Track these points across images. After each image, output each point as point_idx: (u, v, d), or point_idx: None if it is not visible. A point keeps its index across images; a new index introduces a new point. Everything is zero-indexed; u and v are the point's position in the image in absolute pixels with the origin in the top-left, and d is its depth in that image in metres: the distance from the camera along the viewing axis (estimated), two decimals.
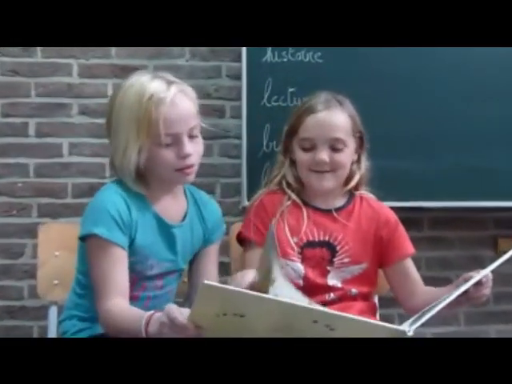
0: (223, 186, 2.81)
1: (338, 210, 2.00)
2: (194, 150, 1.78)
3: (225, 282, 1.54)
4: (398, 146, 2.67)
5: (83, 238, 1.79)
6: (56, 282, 2.11)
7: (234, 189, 2.77)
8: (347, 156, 1.96)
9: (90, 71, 2.75)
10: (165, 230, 1.84)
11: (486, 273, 1.72)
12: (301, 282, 1.92)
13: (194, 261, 1.94)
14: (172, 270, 1.88)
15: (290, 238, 1.91)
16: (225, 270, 2.12)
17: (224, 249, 2.09)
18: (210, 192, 2.67)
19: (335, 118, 1.93)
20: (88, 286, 1.81)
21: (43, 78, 2.73)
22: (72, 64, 2.73)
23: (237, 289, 1.36)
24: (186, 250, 1.89)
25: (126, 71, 2.49)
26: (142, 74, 1.81)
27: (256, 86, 2.65)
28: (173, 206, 1.87)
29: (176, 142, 1.75)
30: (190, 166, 1.78)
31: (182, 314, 1.43)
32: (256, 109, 2.65)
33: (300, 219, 1.95)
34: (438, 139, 2.70)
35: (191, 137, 1.77)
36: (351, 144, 1.96)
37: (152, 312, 1.55)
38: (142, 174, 1.78)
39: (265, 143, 2.64)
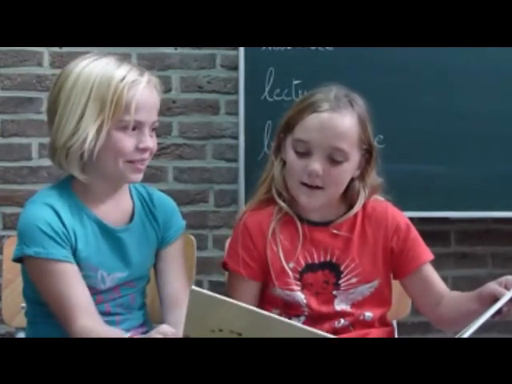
0: (217, 193, 2.77)
1: (336, 222, 1.88)
2: (152, 146, 1.79)
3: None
4: (420, 147, 2.61)
5: (19, 261, 1.78)
6: (23, 304, 1.98)
7: (230, 197, 2.75)
8: (346, 172, 1.83)
9: (63, 61, 2.64)
10: (109, 235, 1.81)
11: None
12: (305, 312, 1.85)
13: (156, 270, 1.92)
14: (127, 280, 1.84)
15: (285, 264, 1.83)
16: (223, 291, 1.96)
17: (218, 267, 2.01)
18: (202, 200, 2.71)
19: (342, 122, 1.80)
20: (37, 314, 1.81)
21: (8, 68, 2.70)
22: (42, 52, 2.68)
23: (226, 299, 1.35)
24: (142, 256, 1.85)
25: None
26: (98, 57, 1.77)
27: (255, 77, 2.61)
28: (116, 208, 1.84)
29: (139, 130, 1.75)
30: (144, 161, 1.78)
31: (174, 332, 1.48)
32: (255, 104, 2.61)
33: (295, 238, 1.86)
34: (467, 140, 2.63)
35: (151, 131, 1.80)
36: (354, 157, 1.83)
37: (132, 333, 1.64)
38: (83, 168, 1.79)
39: (265, 144, 2.57)
